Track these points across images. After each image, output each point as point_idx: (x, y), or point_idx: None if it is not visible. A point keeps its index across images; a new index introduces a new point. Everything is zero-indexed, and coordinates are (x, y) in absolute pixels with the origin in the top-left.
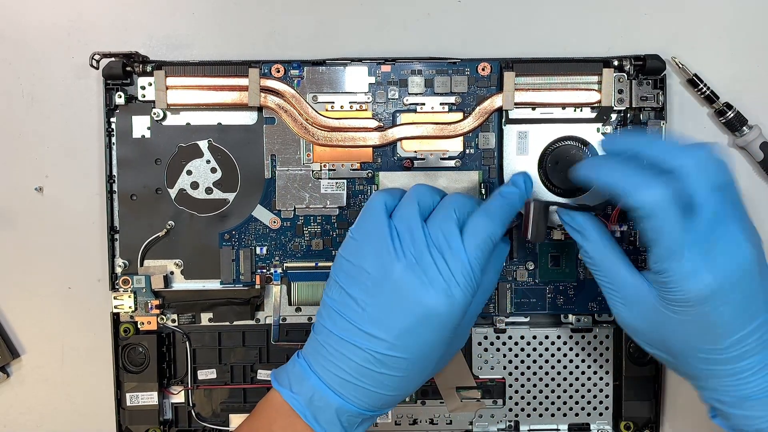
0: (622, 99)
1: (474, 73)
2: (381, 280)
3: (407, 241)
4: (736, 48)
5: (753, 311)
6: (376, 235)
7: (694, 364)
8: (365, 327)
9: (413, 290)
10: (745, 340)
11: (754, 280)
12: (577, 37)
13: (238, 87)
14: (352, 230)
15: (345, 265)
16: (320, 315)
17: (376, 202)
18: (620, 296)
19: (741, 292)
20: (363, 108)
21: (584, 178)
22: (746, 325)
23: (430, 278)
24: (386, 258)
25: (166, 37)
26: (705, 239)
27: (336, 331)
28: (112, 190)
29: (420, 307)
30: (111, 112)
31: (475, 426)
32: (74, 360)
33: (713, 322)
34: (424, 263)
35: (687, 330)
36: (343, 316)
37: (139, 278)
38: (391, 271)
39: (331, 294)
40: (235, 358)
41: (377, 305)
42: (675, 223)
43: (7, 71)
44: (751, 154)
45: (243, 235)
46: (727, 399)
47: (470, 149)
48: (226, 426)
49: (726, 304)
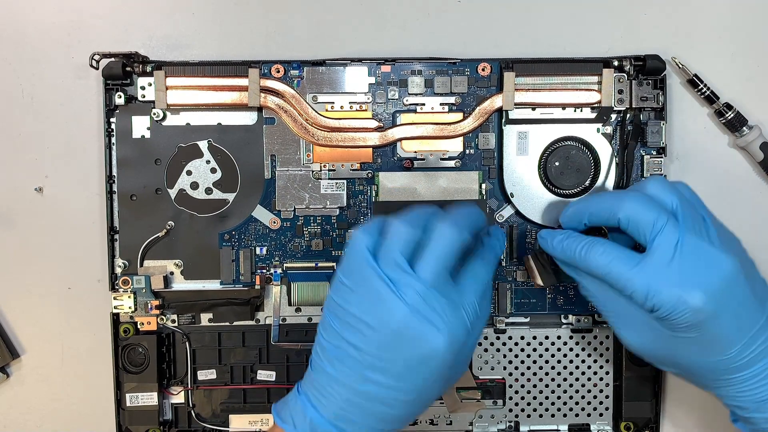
0: (622, 99)
1: (474, 74)
2: (378, 326)
3: (400, 286)
4: (736, 48)
5: (751, 316)
6: (366, 282)
7: (707, 375)
8: (365, 372)
9: (412, 335)
10: (751, 345)
11: (742, 286)
12: (577, 37)
13: (238, 87)
14: (340, 273)
15: (338, 311)
16: (317, 354)
17: (357, 246)
18: (623, 323)
19: (733, 300)
20: (363, 108)
21: (546, 250)
22: (748, 330)
23: (428, 321)
24: (380, 305)
25: (166, 37)
26: (674, 269)
27: (335, 374)
28: (112, 191)
29: (420, 350)
30: (111, 113)
31: (475, 426)
32: (74, 360)
33: (716, 335)
34: (421, 307)
35: (693, 346)
36: (341, 360)
37: (139, 278)
38: (388, 317)
39: (327, 336)
40: (235, 359)
41: (376, 351)
42: (630, 269)
43: (7, 71)
44: (751, 154)
45: (243, 236)
46: (746, 405)
47: (470, 149)
48: (226, 426)
49: (723, 315)
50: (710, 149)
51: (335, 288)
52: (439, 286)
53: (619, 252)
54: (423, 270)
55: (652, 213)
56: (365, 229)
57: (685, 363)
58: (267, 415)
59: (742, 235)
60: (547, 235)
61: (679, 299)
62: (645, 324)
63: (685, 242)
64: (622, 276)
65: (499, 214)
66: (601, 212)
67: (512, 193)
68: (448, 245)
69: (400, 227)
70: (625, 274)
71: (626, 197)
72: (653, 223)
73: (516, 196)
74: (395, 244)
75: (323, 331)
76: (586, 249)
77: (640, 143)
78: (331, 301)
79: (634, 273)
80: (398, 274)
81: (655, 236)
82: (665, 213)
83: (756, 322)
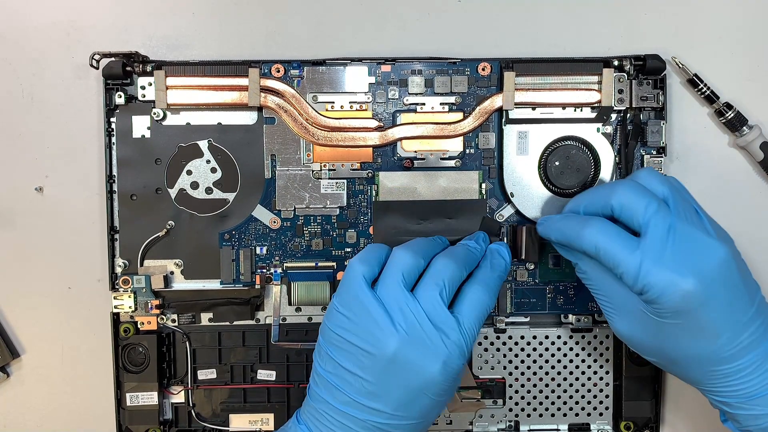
0: (622, 99)
1: (474, 73)
2: (376, 356)
3: (398, 316)
4: (736, 48)
5: (739, 307)
6: (364, 311)
7: (694, 367)
8: (364, 401)
9: (409, 363)
10: (738, 336)
11: (733, 275)
12: (577, 37)
13: (238, 87)
14: (336, 302)
15: (336, 339)
16: (315, 383)
17: (353, 275)
18: (614, 308)
19: (723, 288)
20: (363, 108)
21: (543, 236)
22: (736, 322)
23: (427, 350)
24: (378, 333)
25: (166, 37)
26: (667, 252)
27: (334, 402)
28: (112, 190)
29: (419, 378)
30: (111, 112)
31: (475, 426)
32: (74, 360)
33: (704, 322)
34: (419, 337)
35: (681, 334)
36: (340, 389)
37: (139, 278)
38: (386, 346)
39: (324, 365)
40: (235, 358)
41: (374, 380)
42: (623, 248)
43: (7, 71)
44: (751, 153)
45: (243, 235)
46: (732, 401)
47: (470, 149)
48: (226, 426)
49: (711, 303)
50: (710, 149)
51: (331, 316)
52: (437, 315)
53: (614, 230)
54: (423, 298)
55: (644, 199)
56: (361, 258)
57: (673, 353)
58: (267, 415)
59: (742, 235)
60: (545, 220)
61: (670, 282)
62: (635, 310)
63: (677, 227)
64: (615, 254)
65: (499, 214)
66: (595, 202)
67: (512, 192)
68: (448, 278)
69: (403, 256)
70: (619, 252)
71: (618, 185)
72: (645, 207)
73: (516, 195)
74: (396, 272)
75: (320, 359)
76: (581, 226)
77: (640, 143)
78: (327, 329)
79: (627, 252)
80: (397, 301)
81: (648, 220)
82: (657, 199)
83: (744, 314)
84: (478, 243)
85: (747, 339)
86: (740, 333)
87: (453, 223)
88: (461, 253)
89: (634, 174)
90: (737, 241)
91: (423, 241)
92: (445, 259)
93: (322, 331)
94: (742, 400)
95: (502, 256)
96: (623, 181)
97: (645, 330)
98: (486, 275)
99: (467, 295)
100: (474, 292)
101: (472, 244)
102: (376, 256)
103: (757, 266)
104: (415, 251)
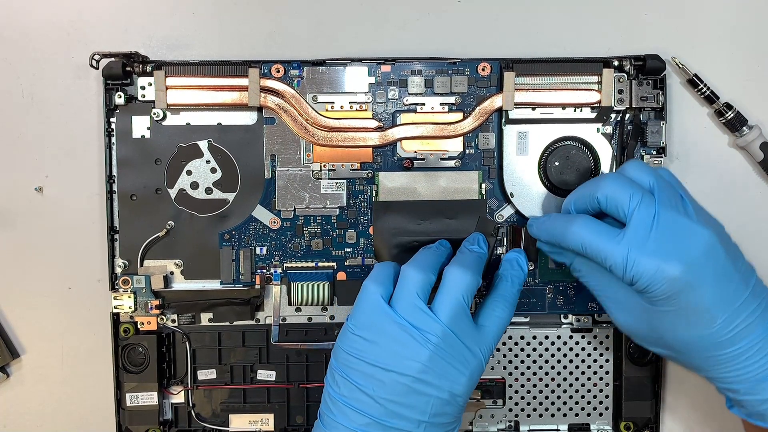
0: (622, 99)
1: (474, 73)
2: (401, 374)
3: (422, 334)
4: (736, 48)
5: (732, 290)
6: (385, 331)
7: (695, 354)
8: (386, 420)
9: (437, 379)
10: (734, 319)
11: (721, 258)
12: (577, 37)
13: (238, 87)
14: (351, 324)
15: (353, 362)
16: (328, 409)
17: (371, 296)
18: (613, 301)
19: (712, 272)
20: (363, 108)
21: (534, 236)
22: (730, 304)
23: (452, 366)
24: (405, 353)
25: (166, 37)
26: (651, 240)
27: (351, 426)
28: (112, 190)
29: (443, 394)
30: (111, 112)
31: (475, 426)
32: (74, 360)
33: (697, 306)
34: (443, 350)
35: (677, 321)
36: (359, 411)
37: (139, 278)
38: (412, 365)
39: (339, 389)
40: (235, 358)
41: (397, 398)
42: (608, 242)
43: (7, 71)
44: (751, 154)
45: (243, 235)
46: (737, 386)
47: (470, 149)
48: (226, 426)
49: (700, 287)
50: (710, 149)
51: (346, 338)
52: (459, 328)
53: (597, 226)
54: (442, 313)
55: (628, 190)
56: (374, 279)
57: (673, 341)
58: (267, 415)
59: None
60: (534, 221)
61: (657, 269)
62: (632, 302)
63: (661, 215)
64: (601, 249)
65: (499, 214)
66: (583, 197)
67: (512, 192)
68: (464, 287)
69: (414, 273)
70: (604, 246)
71: (604, 178)
72: (629, 197)
73: (516, 195)
74: (411, 291)
75: (333, 384)
76: (566, 225)
77: (640, 143)
78: (342, 353)
79: (613, 245)
80: (419, 318)
81: (632, 210)
82: (641, 189)
83: (739, 297)
84: (480, 246)
85: (744, 322)
86: (736, 316)
87: (453, 223)
88: (470, 259)
89: (621, 167)
90: (737, 241)
91: (429, 254)
92: (458, 270)
93: (335, 354)
94: (749, 385)
95: (521, 267)
96: (609, 174)
97: (643, 320)
98: (506, 289)
99: (489, 311)
100: (494, 308)
101: (476, 248)
102: (387, 274)
103: (758, 266)
104: (424, 267)
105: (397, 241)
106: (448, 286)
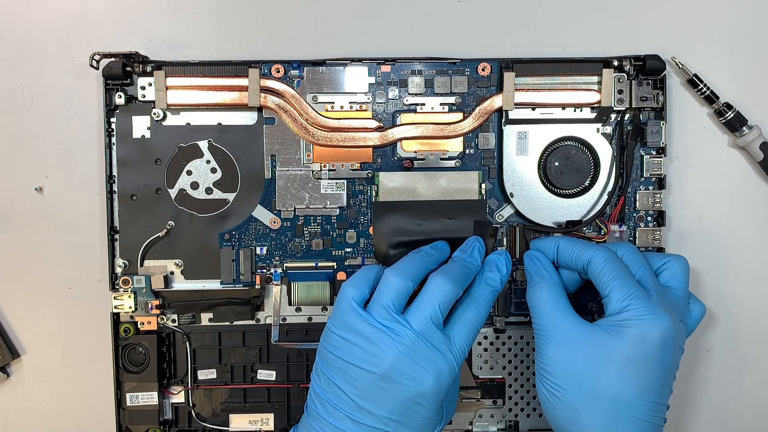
0: (622, 99)
1: (474, 74)
2: (369, 372)
3: (390, 337)
4: (736, 48)
5: (669, 378)
6: (356, 332)
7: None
8: (356, 415)
9: (405, 379)
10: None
11: (666, 356)
12: (577, 37)
13: (238, 87)
14: (330, 323)
15: (330, 358)
16: (312, 400)
17: (345, 299)
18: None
19: (678, 348)
20: (363, 108)
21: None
22: (662, 390)
23: (419, 368)
24: (371, 350)
25: (166, 37)
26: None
27: (328, 418)
28: (112, 190)
29: (413, 392)
30: (111, 112)
31: (475, 426)
32: (74, 360)
33: (662, 364)
34: (408, 353)
35: (625, 375)
36: (334, 405)
37: (139, 278)
38: (380, 364)
39: (320, 383)
40: (235, 358)
41: (366, 395)
42: (631, 275)
43: (7, 71)
44: (751, 154)
45: (243, 235)
46: None
47: (470, 149)
48: (226, 426)
49: (670, 351)
50: (710, 149)
51: (326, 336)
52: (428, 335)
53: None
54: (413, 319)
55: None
56: (352, 283)
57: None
58: (267, 415)
59: (742, 235)
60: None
61: (659, 316)
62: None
63: (680, 289)
64: (631, 278)
65: (498, 214)
66: (571, 258)
67: (512, 193)
68: (442, 297)
69: (393, 279)
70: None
71: (597, 255)
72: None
73: (516, 196)
74: (386, 295)
75: (316, 377)
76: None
77: (639, 143)
78: (323, 349)
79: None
80: (388, 321)
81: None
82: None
83: (661, 393)
84: (473, 257)
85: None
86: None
87: (453, 224)
88: (456, 271)
89: (616, 247)
90: (737, 241)
91: (416, 259)
92: (440, 279)
93: (319, 350)
94: None
95: (498, 269)
96: (601, 251)
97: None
98: (479, 292)
99: (459, 314)
100: (465, 310)
101: (468, 259)
102: (366, 279)
103: (758, 266)
104: (404, 274)
105: (397, 241)
106: (427, 293)
